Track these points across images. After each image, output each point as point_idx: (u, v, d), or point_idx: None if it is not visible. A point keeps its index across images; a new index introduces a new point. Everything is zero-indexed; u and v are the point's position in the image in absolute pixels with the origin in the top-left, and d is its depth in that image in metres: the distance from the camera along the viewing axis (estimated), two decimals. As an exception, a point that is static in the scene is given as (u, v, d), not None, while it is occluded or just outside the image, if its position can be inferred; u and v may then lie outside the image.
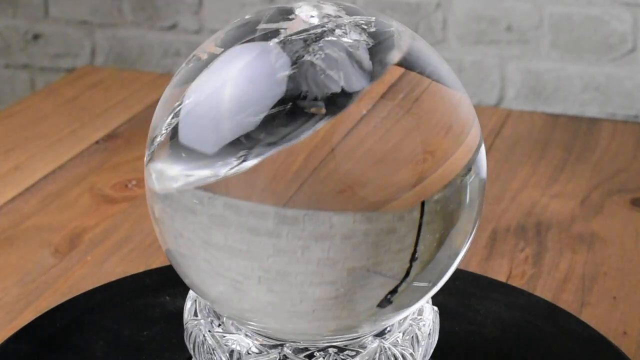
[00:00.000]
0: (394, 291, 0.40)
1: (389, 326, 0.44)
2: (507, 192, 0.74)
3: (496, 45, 1.37)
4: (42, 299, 0.60)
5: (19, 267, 0.64)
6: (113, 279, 0.60)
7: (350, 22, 0.40)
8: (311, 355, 0.43)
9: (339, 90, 0.38)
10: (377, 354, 0.43)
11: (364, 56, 0.39)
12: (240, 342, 0.43)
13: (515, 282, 0.62)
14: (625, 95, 1.35)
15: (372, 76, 0.39)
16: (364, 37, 0.40)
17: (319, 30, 0.40)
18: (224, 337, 0.44)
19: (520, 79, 1.38)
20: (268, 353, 0.43)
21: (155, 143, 0.40)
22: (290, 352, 0.42)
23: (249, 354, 0.43)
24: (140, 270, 0.62)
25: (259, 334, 0.43)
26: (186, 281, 0.43)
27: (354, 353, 0.43)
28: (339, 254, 0.38)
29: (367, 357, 0.43)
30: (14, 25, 1.58)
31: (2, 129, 0.87)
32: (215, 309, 0.45)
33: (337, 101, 0.38)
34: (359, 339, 0.43)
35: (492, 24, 1.36)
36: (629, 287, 0.62)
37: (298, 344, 0.43)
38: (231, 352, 0.43)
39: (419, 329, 0.45)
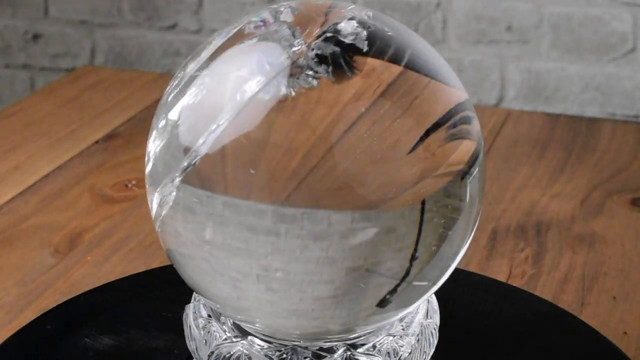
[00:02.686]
0: (393, 291, 0.40)
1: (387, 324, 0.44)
2: (507, 192, 0.74)
3: (496, 45, 1.37)
4: (42, 299, 0.60)
5: (19, 267, 0.64)
6: (113, 279, 0.60)
7: (346, 18, 0.40)
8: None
9: (316, 85, 0.38)
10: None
11: (359, 48, 0.39)
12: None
13: (515, 282, 0.62)
14: (625, 95, 1.35)
15: (364, 70, 0.39)
16: (360, 33, 0.40)
17: (315, 27, 0.40)
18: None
19: (520, 79, 1.38)
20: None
21: (191, 164, 0.39)
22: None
23: None
24: (140, 270, 0.62)
25: (261, 333, 0.43)
26: (186, 280, 0.43)
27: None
28: (337, 253, 0.38)
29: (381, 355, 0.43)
30: (14, 25, 1.58)
31: (2, 129, 0.87)
32: (215, 308, 0.44)
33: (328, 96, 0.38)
34: (357, 338, 0.43)
35: (492, 24, 1.36)
36: (629, 287, 0.62)
37: (299, 342, 0.43)
38: None
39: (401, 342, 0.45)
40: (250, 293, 0.40)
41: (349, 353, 0.43)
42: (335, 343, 0.43)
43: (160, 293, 0.57)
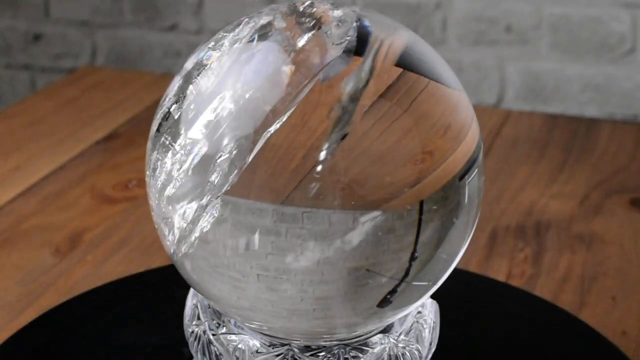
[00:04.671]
0: (393, 291, 0.40)
1: (392, 323, 0.44)
2: (506, 192, 0.75)
3: (495, 45, 1.37)
4: (43, 299, 0.60)
5: (19, 267, 0.64)
6: (113, 279, 0.60)
7: (339, 17, 0.40)
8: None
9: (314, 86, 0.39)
10: (386, 352, 0.44)
11: (357, 49, 0.39)
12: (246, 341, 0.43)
13: (515, 282, 0.62)
14: (624, 95, 1.35)
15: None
16: (358, 34, 0.40)
17: (313, 29, 0.40)
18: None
19: (519, 79, 1.38)
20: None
21: (232, 176, 0.39)
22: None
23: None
24: (140, 270, 0.62)
25: (260, 333, 0.44)
26: (187, 280, 0.43)
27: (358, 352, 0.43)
28: (338, 253, 0.38)
29: (375, 356, 0.43)
30: (15, 26, 1.58)
31: (3, 129, 0.87)
32: (215, 308, 0.45)
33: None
34: (362, 337, 0.44)
35: (492, 25, 1.36)
36: (628, 287, 0.62)
37: (299, 342, 0.43)
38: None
39: (423, 325, 0.45)
40: (250, 293, 0.40)
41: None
42: (337, 343, 0.43)
43: (161, 293, 0.57)
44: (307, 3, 0.42)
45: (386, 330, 0.44)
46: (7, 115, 0.91)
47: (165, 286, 0.57)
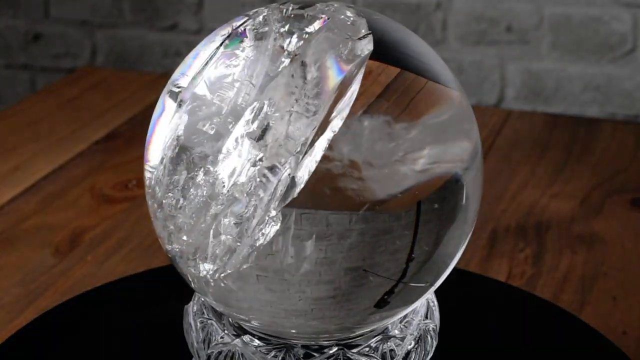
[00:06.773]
0: (390, 291, 0.40)
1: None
2: (507, 192, 0.75)
3: (496, 45, 1.37)
4: (42, 299, 0.60)
5: (19, 267, 0.64)
6: (113, 279, 0.60)
7: (334, 16, 0.40)
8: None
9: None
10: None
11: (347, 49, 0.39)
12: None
13: (515, 282, 0.62)
14: (625, 95, 1.35)
15: (354, 67, 0.39)
16: (350, 32, 0.40)
17: (309, 29, 0.40)
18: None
19: (520, 79, 1.38)
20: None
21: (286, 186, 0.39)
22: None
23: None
24: (140, 270, 0.62)
25: (261, 332, 0.44)
26: (185, 280, 0.43)
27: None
28: (336, 253, 0.38)
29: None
30: (15, 26, 1.58)
31: (2, 129, 0.87)
32: (215, 307, 0.45)
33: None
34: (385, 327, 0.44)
35: (492, 25, 1.36)
36: (628, 287, 0.62)
37: (299, 342, 0.43)
38: None
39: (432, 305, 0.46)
40: (249, 293, 0.40)
41: (342, 352, 0.43)
42: (333, 342, 0.43)
43: (160, 293, 0.57)
44: (302, 3, 0.42)
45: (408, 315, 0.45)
46: (6, 115, 0.91)
47: (164, 286, 0.57)
